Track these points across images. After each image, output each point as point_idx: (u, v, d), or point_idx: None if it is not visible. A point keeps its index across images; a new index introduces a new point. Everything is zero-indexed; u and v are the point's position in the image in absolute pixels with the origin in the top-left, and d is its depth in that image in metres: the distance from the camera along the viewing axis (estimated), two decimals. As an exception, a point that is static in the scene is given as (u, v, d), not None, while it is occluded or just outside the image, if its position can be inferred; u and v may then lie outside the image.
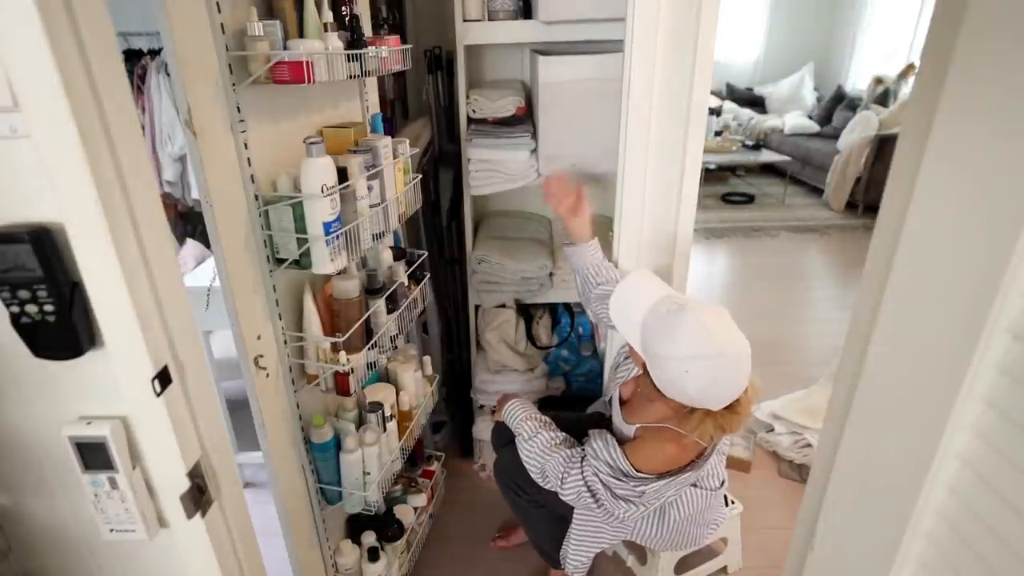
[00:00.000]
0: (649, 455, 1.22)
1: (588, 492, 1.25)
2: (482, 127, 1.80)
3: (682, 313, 1.07)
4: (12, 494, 0.78)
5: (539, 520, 1.52)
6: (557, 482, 1.28)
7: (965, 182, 0.58)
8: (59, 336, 0.64)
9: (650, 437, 1.24)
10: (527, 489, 1.43)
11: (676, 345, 1.06)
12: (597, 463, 1.23)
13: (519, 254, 1.93)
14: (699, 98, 1.35)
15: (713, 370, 1.05)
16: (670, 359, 1.07)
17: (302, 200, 1.04)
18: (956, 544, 0.64)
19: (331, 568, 1.45)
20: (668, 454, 1.21)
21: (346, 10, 1.17)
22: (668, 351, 1.07)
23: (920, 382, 0.65)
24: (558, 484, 1.28)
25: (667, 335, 1.07)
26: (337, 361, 1.18)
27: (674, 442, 1.19)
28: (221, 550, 0.78)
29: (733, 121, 6.21)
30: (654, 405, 1.21)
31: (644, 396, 1.29)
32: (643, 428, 1.27)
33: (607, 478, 1.22)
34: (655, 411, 1.22)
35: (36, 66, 0.52)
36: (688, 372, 1.05)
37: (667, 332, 1.07)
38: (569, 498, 1.28)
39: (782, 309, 3.37)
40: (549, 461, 1.30)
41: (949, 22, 0.58)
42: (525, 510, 1.50)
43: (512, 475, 1.46)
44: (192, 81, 0.90)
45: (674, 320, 1.07)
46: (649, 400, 1.22)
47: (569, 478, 1.26)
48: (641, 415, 1.29)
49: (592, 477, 1.24)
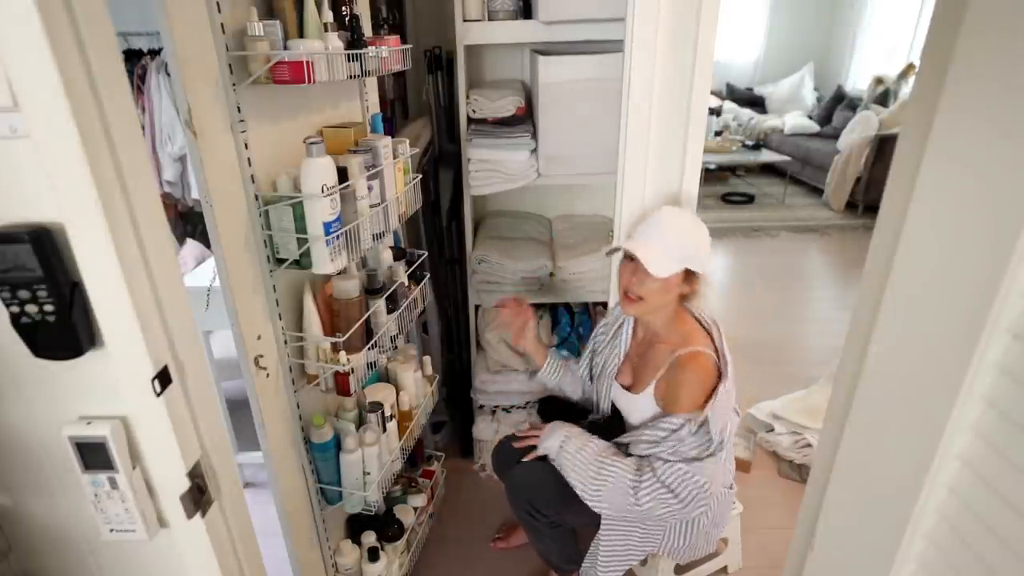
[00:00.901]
0: (684, 385, 1.25)
1: (667, 491, 1.23)
2: (482, 127, 1.80)
3: (660, 211, 1.31)
4: (12, 494, 0.78)
5: (551, 537, 1.48)
6: (632, 501, 1.25)
7: (965, 182, 0.58)
8: (59, 336, 0.64)
9: (673, 382, 1.27)
10: (545, 512, 1.39)
11: (681, 215, 1.30)
12: (659, 449, 1.25)
13: (519, 254, 1.93)
14: (699, 98, 1.35)
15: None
16: (693, 221, 1.30)
17: (302, 200, 1.04)
18: (956, 544, 0.64)
19: (331, 568, 1.45)
20: (700, 376, 1.25)
21: (346, 10, 1.17)
22: (684, 220, 1.29)
23: (920, 382, 0.65)
24: (633, 502, 1.25)
25: (679, 217, 1.29)
26: (337, 361, 1.18)
27: (696, 361, 1.26)
28: (221, 550, 0.78)
29: (733, 121, 6.20)
30: (658, 347, 1.34)
31: (644, 354, 1.38)
32: (663, 377, 1.30)
33: (678, 448, 1.23)
34: (661, 351, 1.32)
35: (36, 66, 0.52)
36: (696, 220, 1.31)
37: (676, 217, 1.29)
38: (647, 507, 1.25)
39: (782, 309, 3.37)
40: (612, 491, 1.27)
41: (949, 21, 0.58)
42: (538, 529, 1.45)
43: (529, 498, 1.40)
44: (192, 81, 0.90)
45: (664, 213, 1.29)
46: (652, 349, 1.34)
47: (642, 489, 1.24)
48: (650, 370, 1.33)
49: (663, 468, 1.23)
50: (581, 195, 2.32)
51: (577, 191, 2.32)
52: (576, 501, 1.37)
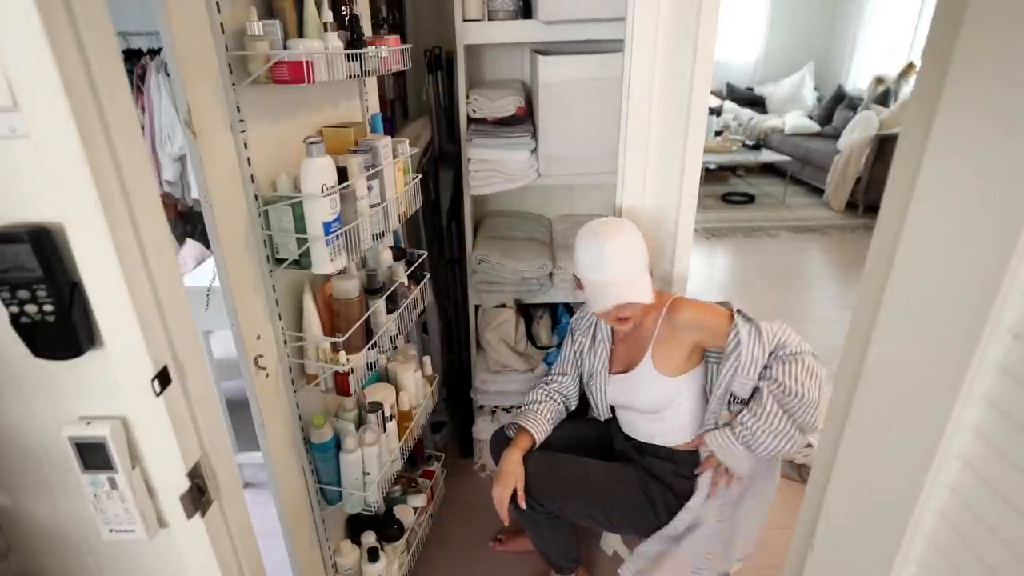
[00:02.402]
0: (706, 318, 1.30)
1: (790, 393, 1.24)
2: (482, 127, 1.80)
3: (596, 230, 1.30)
4: (12, 494, 0.78)
5: (549, 530, 1.48)
6: (817, 386, 1.25)
7: (966, 181, 0.58)
8: (59, 336, 0.64)
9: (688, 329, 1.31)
10: (543, 502, 1.39)
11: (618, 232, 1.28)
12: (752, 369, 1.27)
13: (519, 254, 1.93)
14: (699, 98, 1.35)
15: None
16: (633, 233, 1.29)
17: (302, 200, 1.04)
18: (957, 544, 0.64)
19: (331, 568, 1.45)
20: (696, 304, 1.32)
21: (346, 10, 1.17)
22: (623, 234, 1.28)
23: (920, 382, 0.65)
24: (816, 395, 1.24)
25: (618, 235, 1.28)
26: (337, 361, 1.18)
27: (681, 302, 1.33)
28: (221, 550, 0.78)
29: (733, 121, 6.20)
30: (641, 329, 1.36)
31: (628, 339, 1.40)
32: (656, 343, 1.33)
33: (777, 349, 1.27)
34: (645, 326, 1.36)
35: (36, 66, 0.52)
36: (630, 228, 1.30)
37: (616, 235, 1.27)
38: (814, 393, 1.24)
39: (782, 309, 3.36)
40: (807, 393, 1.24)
41: (950, 20, 0.57)
42: (536, 521, 1.45)
43: (527, 489, 1.39)
44: (192, 81, 0.90)
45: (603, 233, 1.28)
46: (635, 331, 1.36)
47: (803, 362, 1.26)
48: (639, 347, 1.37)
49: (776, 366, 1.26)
50: (581, 195, 2.32)
51: (577, 191, 2.32)
52: (574, 493, 1.37)
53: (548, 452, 1.44)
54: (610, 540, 1.81)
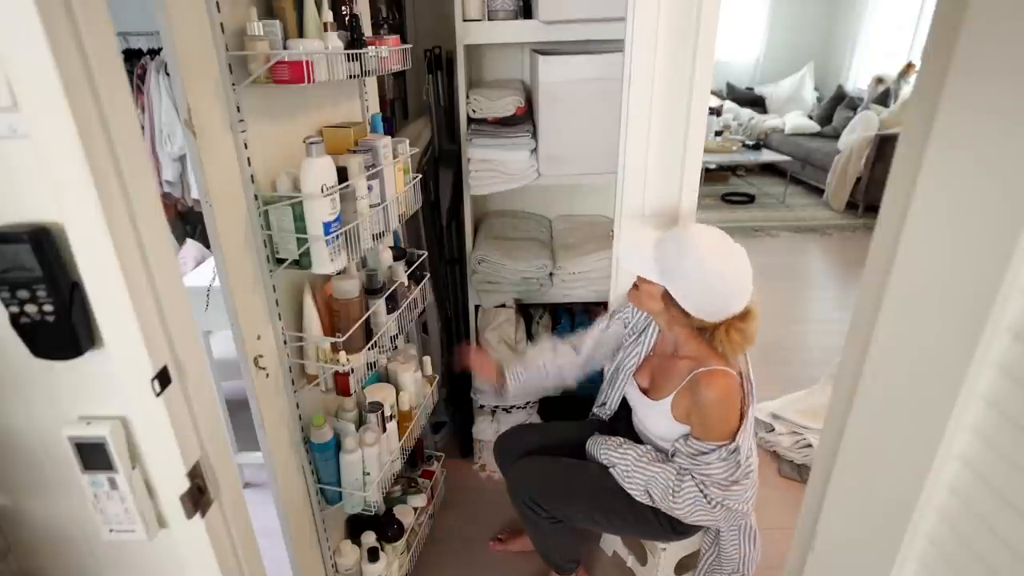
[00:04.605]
0: (714, 413, 1.24)
1: (704, 497, 1.25)
2: (482, 127, 1.80)
3: (689, 227, 1.25)
4: (12, 494, 0.78)
5: (551, 533, 1.48)
6: (668, 497, 1.27)
7: (966, 181, 0.58)
8: (59, 336, 0.64)
9: (698, 407, 1.25)
10: (545, 506, 1.39)
11: (698, 248, 1.20)
12: (694, 463, 1.26)
13: (519, 254, 1.93)
14: (699, 98, 1.35)
15: (731, 256, 1.21)
16: (700, 260, 1.19)
17: (302, 200, 1.04)
18: (957, 544, 0.64)
19: (331, 568, 1.45)
20: (724, 396, 1.23)
21: (346, 10, 1.17)
22: (695, 254, 1.19)
23: (920, 382, 0.65)
24: (669, 500, 1.27)
25: (689, 243, 1.21)
26: (337, 361, 1.18)
27: (716, 383, 1.23)
28: (221, 550, 0.78)
29: (733, 121, 6.20)
30: (679, 362, 1.29)
31: (665, 361, 1.35)
32: (682, 393, 1.28)
33: (706, 471, 1.24)
34: (682, 366, 1.28)
35: (36, 66, 0.52)
36: (714, 266, 1.19)
37: (688, 241, 1.21)
38: (684, 510, 1.27)
39: (782, 309, 3.36)
40: (653, 478, 1.30)
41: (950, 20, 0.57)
42: (538, 524, 1.44)
43: (530, 492, 1.40)
44: (192, 81, 0.90)
45: (686, 232, 1.23)
46: (673, 358, 1.31)
47: (681, 490, 1.26)
48: (670, 380, 1.31)
49: (702, 478, 1.25)
50: (581, 195, 2.32)
51: (577, 191, 2.32)
52: (578, 498, 1.37)
53: (551, 457, 1.44)
54: (610, 540, 1.81)
